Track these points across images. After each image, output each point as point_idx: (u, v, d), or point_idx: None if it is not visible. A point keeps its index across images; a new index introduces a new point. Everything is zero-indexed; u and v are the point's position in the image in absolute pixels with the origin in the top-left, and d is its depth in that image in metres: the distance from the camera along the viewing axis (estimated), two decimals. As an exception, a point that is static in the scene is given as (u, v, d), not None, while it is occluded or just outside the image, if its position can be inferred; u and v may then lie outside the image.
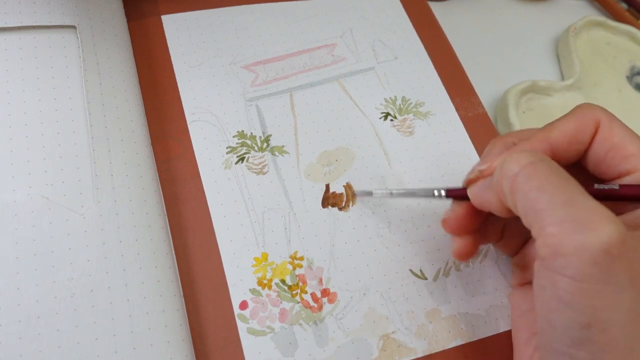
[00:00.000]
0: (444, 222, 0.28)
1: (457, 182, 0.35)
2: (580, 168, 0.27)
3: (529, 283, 0.29)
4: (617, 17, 0.50)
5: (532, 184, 0.22)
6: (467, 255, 0.28)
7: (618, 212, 0.24)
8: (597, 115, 0.26)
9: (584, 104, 0.27)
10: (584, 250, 0.20)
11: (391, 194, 0.31)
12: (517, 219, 0.23)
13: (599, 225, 0.20)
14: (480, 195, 0.26)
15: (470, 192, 0.26)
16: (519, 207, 0.22)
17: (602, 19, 0.47)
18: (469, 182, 0.27)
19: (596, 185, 0.24)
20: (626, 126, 0.25)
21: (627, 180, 0.24)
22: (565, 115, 0.26)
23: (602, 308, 0.20)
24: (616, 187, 0.24)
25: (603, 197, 0.24)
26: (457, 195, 0.28)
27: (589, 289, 0.20)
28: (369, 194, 0.33)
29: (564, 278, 0.20)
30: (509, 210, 0.24)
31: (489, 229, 0.29)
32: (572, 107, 0.27)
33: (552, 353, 0.22)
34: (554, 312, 0.21)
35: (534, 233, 0.22)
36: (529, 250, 0.29)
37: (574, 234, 0.20)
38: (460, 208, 0.27)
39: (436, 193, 0.29)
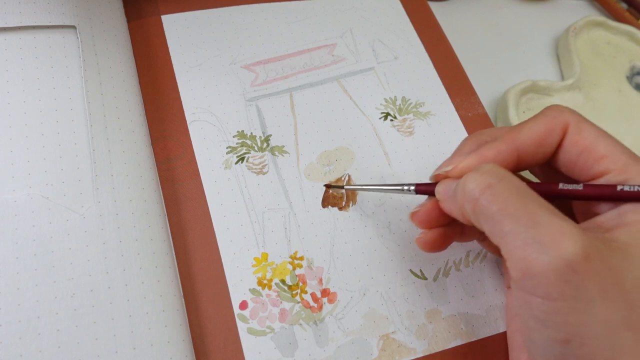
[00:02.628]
0: (412, 215, 0.28)
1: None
2: (552, 167, 0.27)
3: None
4: (617, 17, 0.49)
5: (493, 207, 0.22)
6: (431, 246, 0.28)
7: (593, 214, 0.24)
8: (565, 118, 0.25)
9: (553, 105, 0.26)
10: (550, 270, 0.20)
11: (362, 187, 0.32)
12: None
13: (562, 244, 0.20)
14: (446, 205, 0.26)
15: (437, 192, 0.26)
16: (484, 228, 0.23)
17: (602, 19, 0.47)
18: (435, 177, 0.27)
19: (561, 185, 0.24)
20: (596, 127, 0.25)
21: (601, 182, 0.24)
22: (533, 118, 0.26)
23: (577, 323, 0.20)
24: (580, 187, 0.24)
25: (569, 197, 0.24)
26: (426, 191, 0.28)
27: (562, 306, 0.20)
28: (341, 187, 0.33)
29: (537, 298, 0.21)
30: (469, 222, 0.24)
31: (466, 228, 0.29)
32: (572, 107, 0.27)
33: None
34: (533, 330, 0.22)
35: (503, 254, 0.22)
36: None
37: (539, 255, 0.20)
38: (429, 202, 0.27)
39: (405, 188, 0.29)
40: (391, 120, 0.37)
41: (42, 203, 0.28)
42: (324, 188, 0.33)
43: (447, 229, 0.28)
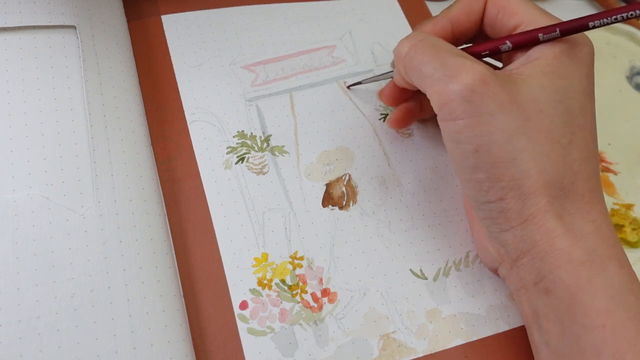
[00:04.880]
0: (380, 92, 0.35)
1: (458, 185, 0.35)
2: (484, 37, 0.31)
3: None
4: (617, 18, 0.49)
5: (415, 61, 0.27)
6: (398, 122, 0.34)
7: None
8: None
9: None
10: (457, 94, 0.25)
11: (378, 80, 0.37)
12: None
13: (463, 74, 0.25)
14: (394, 77, 0.32)
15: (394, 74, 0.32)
16: (414, 81, 0.28)
17: (601, 19, 0.47)
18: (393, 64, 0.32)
19: (459, 48, 0.29)
20: None
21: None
22: None
23: (482, 134, 0.25)
24: (469, 45, 0.30)
25: (476, 55, 0.29)
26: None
27: (469, 122, 0.25)
28: (359, 83, 0.37)
29: (451, 122, 0.26)
30: (412, 85, 0.29)
31: (424, 103, 0.34)
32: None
33: (465, 186, 0.27)
34: (453, 152, 0.27)
35: (429, 97, 0.27)
36: None
37: (448, 85, 0.25)
38: (391, 82, 0.33)
39: (392, 68, 0.34)
40: (391, 120, 0.37)
41: (42, 203, 0.28)
42: (324, 188, 0.33)
43: (409, 105, 0.34)
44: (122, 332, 0.26)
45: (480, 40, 0.31)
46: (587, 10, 0.51)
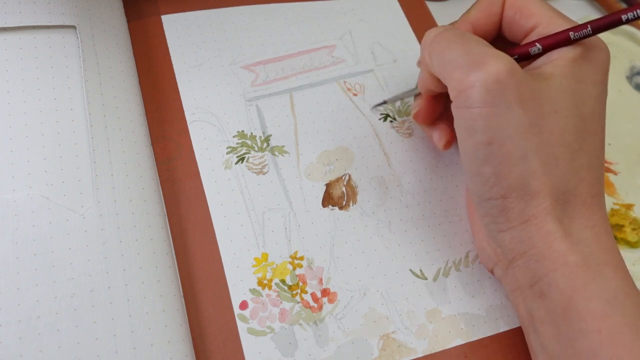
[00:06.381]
0: (415, 115, 0.33)
1: (458, 186, 0.35)
2: (502, 40, 0.31)
3: None
4: (617, 18, 0.49)
5: (440, 45, 0.27)
6: (449, 142, 0.33)
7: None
8: None
9: None
10: (478, 82, 0.25)
11: (402, 99, 0.37)
12: None
13: (489, 62, 0.25)
14: (420, 78, 0.31)
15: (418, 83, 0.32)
16: (435, 67, 0.28)
17: (601, 19, 0.47)
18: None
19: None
20: None
21: (532, 35, 0.29)
22: None
23: (498, 126, 0.25)
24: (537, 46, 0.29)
25: (527, 54, 0.28)
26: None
27: (486, 112, 0.25)
28: (384, 103, 0.37)
29: (467, 109, 0.25)
30: (437, 80, 0.29)
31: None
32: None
33: (471, 181, 0.27)
34: (465, 140, 0.26)
35: (446, 84, 0.27)
36: None
37: (470, 72, 0.25)
38: (420, 99, 0.33)
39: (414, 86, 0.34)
40: (391, 121, 0.37)
41: (42, 203, 0.28)
42: (324, 188, 0.33)
43: (448, 123, 0.33)
44: (122, 332, 0.26)
45: (498, 44, 0.30)
46: (587, 10, 0.51)
